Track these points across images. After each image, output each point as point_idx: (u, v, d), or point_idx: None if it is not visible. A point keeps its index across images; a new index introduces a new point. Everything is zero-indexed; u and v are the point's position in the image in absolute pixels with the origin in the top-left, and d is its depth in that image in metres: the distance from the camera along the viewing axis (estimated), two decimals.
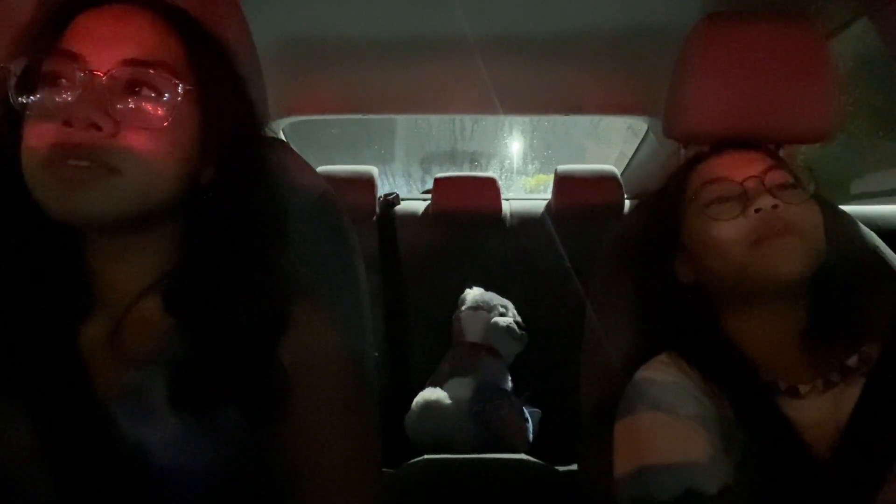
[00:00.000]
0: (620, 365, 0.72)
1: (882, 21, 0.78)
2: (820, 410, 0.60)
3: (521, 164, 2.80)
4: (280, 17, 1.03)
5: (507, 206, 1.80)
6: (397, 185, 2.63)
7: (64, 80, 0.47)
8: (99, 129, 0.46)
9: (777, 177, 0.64)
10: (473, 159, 2.81)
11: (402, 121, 2.63)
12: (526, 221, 1.76)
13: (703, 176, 0.67)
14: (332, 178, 1.67)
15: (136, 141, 0.47)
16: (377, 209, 1.74)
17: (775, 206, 0.61)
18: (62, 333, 0.49)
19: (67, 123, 0.45)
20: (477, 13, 1.01)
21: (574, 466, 0.86)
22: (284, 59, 1.16)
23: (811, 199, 0.64)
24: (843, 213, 0.83)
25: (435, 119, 2.59)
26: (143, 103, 0.48)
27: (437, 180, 1.78)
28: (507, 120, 2.44)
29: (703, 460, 0.56)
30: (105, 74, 0.47)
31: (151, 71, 0.48)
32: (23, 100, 0.47)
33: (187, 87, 0.50)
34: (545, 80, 1.33)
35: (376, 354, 0.73)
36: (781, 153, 0.76)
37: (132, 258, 0.53)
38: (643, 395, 0.62)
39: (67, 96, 0.46)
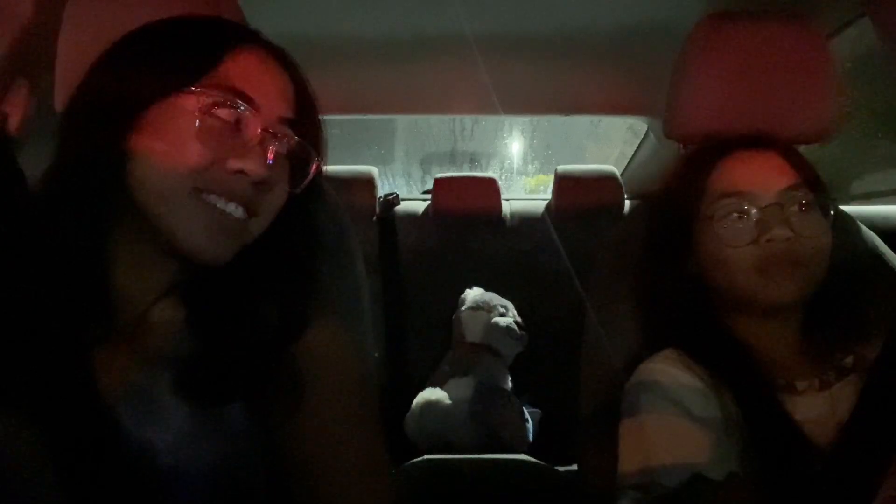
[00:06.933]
0: (620, 365, 0.72)
1: (882, 21, 0.78)
2: (817, 408, 0.61)
3: (521, 164, 2.79)
4: (280, 18, 1.02)
5: (507, 207, 1.80)
6: (397, 185, 2.63)
7: (238, 123, 0.49)
8: (267, 184, 0.49)
9: (796, 197, 0.63)
10: (473, 159, 2.80)
11: (402, 121, 2.62)
12: (526, 221, 1.77)
13: (722, 184, 0.65)
14: (332, 178, 1.66)
15: (275, 194, 0.51)
16: (377, 209, 1.74)
17: (788, 238, 0.60)
18: (75, 336, 0.49)
19: (241, 171, 0.47)
20: (477, 13, 1.01)
21: (574, 466, 0.86)
22: None
23: (825, 222, 0.63)
24: (843, 213, 0.83)
25: (435, 119, 2.59)
26: (290, 166, 0.53)
27: (437, 180, 1.78)
28: (507, 120, 2.43)
29: (708, 458, 0.57)
30: (275, 134, 0.50)
31: (299, 138, 0.52)
32: (200, 119, 0.47)
33: (319, 162, 0.54)
34: (545, 80, 1.33)
35: (376, 354, 0.73)
36: None
37: (154, 268, 0.52)
38: (648, 393, 0.63)
39: (244, 144, 0.48)
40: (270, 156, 0.49)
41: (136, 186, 0.47)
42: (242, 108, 0.48)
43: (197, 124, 0.47)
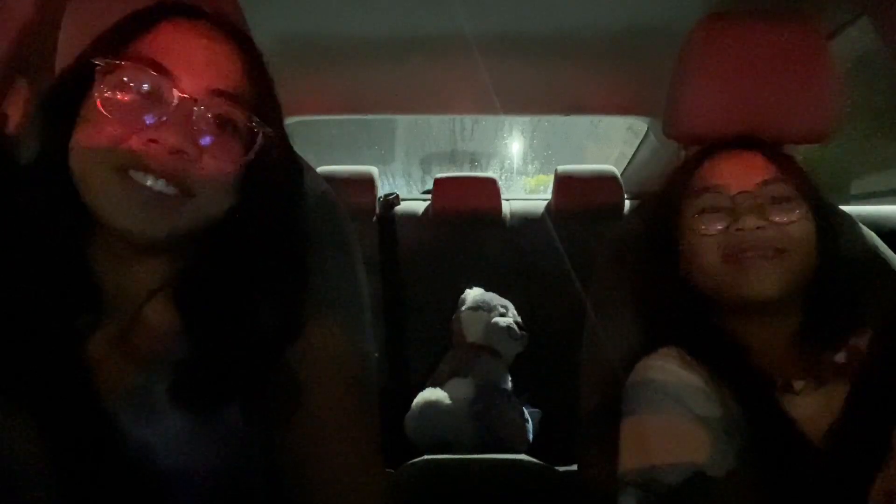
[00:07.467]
0: (621, 364, 0.72)
1: (882, 21, 0.78)
2: (814, 406, 0.61)
3: (521, 165, 2.79)
4: (280, 17, 1.03)
5: (507, 207, 1.80)
6: (397, 185, 2.63)
7: (152, 94, 0.47)
8: (185, 153, 0.47)
9: (773, 190, 0.63)
10: (473, 159, 2.80)
11: (402, 121, 2.63)
12: (526, 221, 1.76)
13: (700, 181, 0.67)
14: (332, 178, 1.66)
15: (212, 169, 0.49)
16: (377, 209, 1.74)
17: (760, 227, 0.61)
18: (70, 336, 0.49)
19: (154, 141, 0.46)
20: (477, 13, 1.01)
21: (574, 466, 0.86)
22: (284, 60, 1.16)
23: (805, 217, 0.63)
24: (843, 213, 0.83)
25: (435, 119, 2.59)
26: (226, 138, 0.50)
27: (437, 180, 1.78)
28: (507, 120, 2.44)
29: (708, 456, 0.57)
30: (197, 102, 0.48)
31: (237, 109, 0.50)
32: (109, 95, 0.47)
33: (264, 131, 0.52)
34: (545, 80, 1.33)
35: (376, 355, 0.73)
36: None
37: (144, 261, 0.52)
38: (649, 390, 0.63)
39: (159, 114, 0.47)
40: (190, 125, 0.47)
41: (74, 177, 0.48)
42: (152, 77, 0.47)
43: (108, 98, 0.46)
